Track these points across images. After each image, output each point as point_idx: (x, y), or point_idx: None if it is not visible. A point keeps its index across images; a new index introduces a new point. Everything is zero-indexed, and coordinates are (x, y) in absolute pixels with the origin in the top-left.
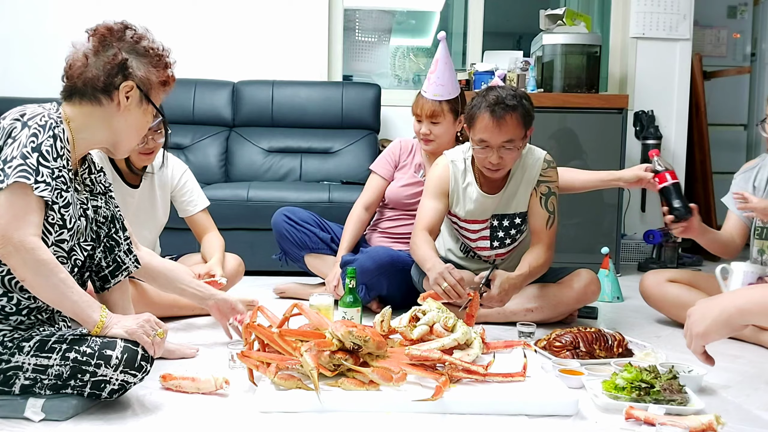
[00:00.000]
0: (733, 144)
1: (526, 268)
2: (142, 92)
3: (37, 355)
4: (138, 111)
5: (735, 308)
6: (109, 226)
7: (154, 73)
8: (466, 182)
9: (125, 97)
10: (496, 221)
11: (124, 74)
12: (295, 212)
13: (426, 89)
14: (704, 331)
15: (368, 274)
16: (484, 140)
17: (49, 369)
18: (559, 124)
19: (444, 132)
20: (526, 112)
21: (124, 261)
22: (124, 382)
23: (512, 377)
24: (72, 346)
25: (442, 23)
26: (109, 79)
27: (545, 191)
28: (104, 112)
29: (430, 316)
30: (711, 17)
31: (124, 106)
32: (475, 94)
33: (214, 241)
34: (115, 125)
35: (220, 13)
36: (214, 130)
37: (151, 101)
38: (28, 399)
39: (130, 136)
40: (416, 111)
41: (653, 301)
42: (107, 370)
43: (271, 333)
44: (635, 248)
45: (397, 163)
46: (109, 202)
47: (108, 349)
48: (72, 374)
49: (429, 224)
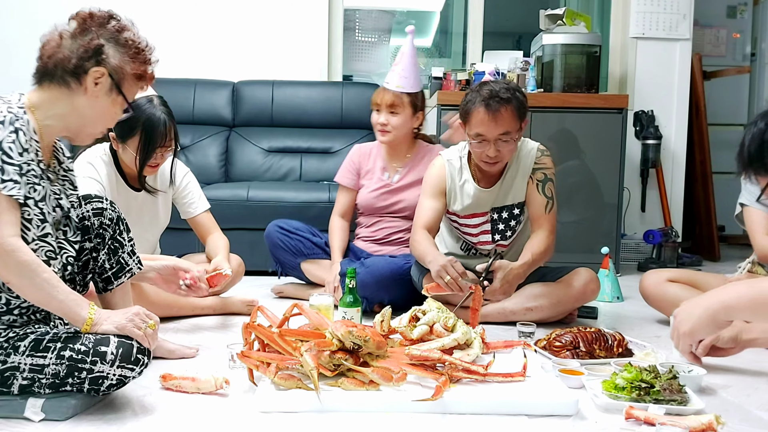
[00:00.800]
0: (733, 144)
1: (528, 257)
2: (114, 81)
3: (33, 354)
4: (107, 100)
5: (720, 304)
6: (114, 228)
7: (130, 65)
8: (463, 179)
9: (94, 82)
10: (495, 214)
11: (97, 60)
12: (287, 222)
13: (389, 80)
14: (690, 330)
15: (369, 288)
16: (481, 134)
17: (45, 368)
18: (559, 124)
19: (401, 124)
20: (520, 104)
21: (127, 263)
22: (122, 376)
23: (512, 377)
24: (66, 345)
25: (442, 23)
26: (80, 62)
27: (541, 177)
28: (71, 96)
29: (430, 316)
30: (711, 17)
31: (91, 91)
32: (468, 90)
33: (219, 241)
34: (81, 110)
35: (220, 13)
36: (214, 130)
37: (122, 92)
38: (27, 399)
39: (95, 123)
40: (376, 101)
41: (653, 301)
42: (104, 367)
43: (271, 333)
44: (635, 248)
45: (359, 169)
46: (112, 203)
47: (102, 346)
48: (69, 373)
49: (427, 223)
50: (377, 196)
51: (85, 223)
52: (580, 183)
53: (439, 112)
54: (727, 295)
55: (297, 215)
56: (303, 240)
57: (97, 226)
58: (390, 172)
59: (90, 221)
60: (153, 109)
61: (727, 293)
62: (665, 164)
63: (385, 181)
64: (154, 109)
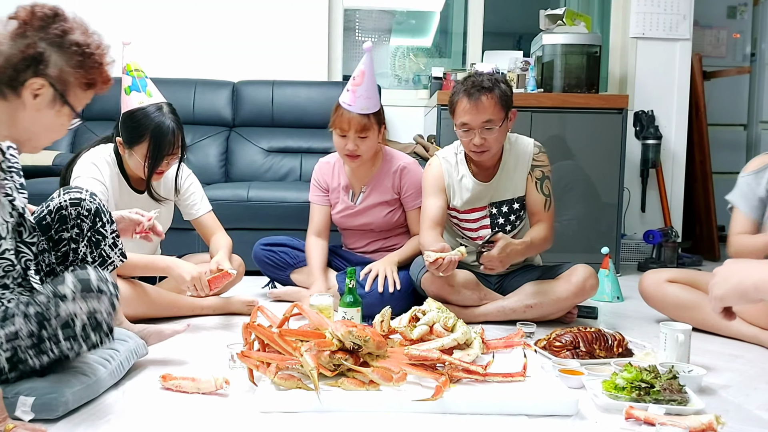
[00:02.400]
0: (732, 144)
1: (528, 239)
2: (57, 92)
3: (3, 327)
4: (50, 112)
5: (751, 283)
6: (94, 220)
7: (75, 73)
8: (461, 174)
9: (33, 94)
10: (495, 209)
11: (36, 70)
12: (270, 238)
13: (351, 102)
14: (722, 295)
15: (372, 308)
16: (465, 123)
17: (19, 332)
18: (559, 124)
19: (371, 146)
20: (503, 93)
21: (109, 255)
22: (92, 311)
23: (512, 377)
24: (28, 303)
25: (442, 23)
26: (15, 73)
27: (540, 176)
28: (8, 107)
29: (430, 316)
30: (711, 17)
31: (30, 104)
32: (455, 83)
33: (221, 241)
34: (21, 123)
35: (220, 13)
36: (214, 130)
37: (68, 102)
38: (18, 398)
39: (39, 137)
40: (342, 125)
41: (653, 301)
42: (67, 305)
43: (271, 333)
44: (635, 248)
45: (327, 186)
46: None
47: (59, 286)
48: (40, 326)
49: (433, 221)
50: (342, 217)
51: (63, 212)
52: (580, 183)
53: (439, 112)
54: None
55: (297, 215)
56: (288, 251)
57: (75, 216)
58: (354, 190)
59: (67, 210)
60: (162, 118)
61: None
62: (665, 164)
63: (347, 203)
64: (163, 118)
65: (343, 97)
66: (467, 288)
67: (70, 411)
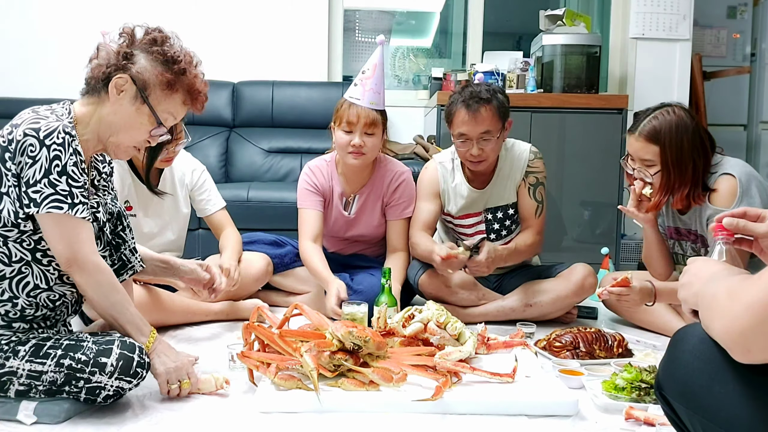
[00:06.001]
0: (732, 144)
1: (513, 245)
2: (138, 87)
3: (32, 360)
4: (130, 108)
5: (693, 296)
6: (115, 223)
7: (154, 71)
8: (456, 181)
9: (117, 90)
10: (490, 215)
11: (124, 66)
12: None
13: (359, 96)
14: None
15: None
16: (463, 133)
17: (43, 375)
18: (559, 125)
19: (376, 145)
20: (501, 104)
21: (129, 260)
22: (119, 388)
23: (500, 376)
24: (67, 353)
25: (442, 23)
26: (108, 70)
27: (533, 182)
28: (99, 105)
29: (424, 314)
30: (711, 17)
31: (114, 98)
32: (452, 92)
33: (230, 236)
34: (106, 118)
35: (220, 13)
36: (214, 130)
37: (147, 101)
38: (21, 402)
39: (119, 132)
40: (349, 120)
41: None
42: (102, 377)
43: (272, 333)
44: (635, 248)
45: (323, 190)
46: (115, 197)
47: (103, 357)
48: (66, 381)
49: (424, 224)
50: (338, 226)
51: None
52: (580, 183)
53: (438, 113)
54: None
55: (297, 216)
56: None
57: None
58: (347, 198)
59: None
60: None
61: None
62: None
63: (341, 212)
64: None
65: (349, 92)
66: (465, 288)
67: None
